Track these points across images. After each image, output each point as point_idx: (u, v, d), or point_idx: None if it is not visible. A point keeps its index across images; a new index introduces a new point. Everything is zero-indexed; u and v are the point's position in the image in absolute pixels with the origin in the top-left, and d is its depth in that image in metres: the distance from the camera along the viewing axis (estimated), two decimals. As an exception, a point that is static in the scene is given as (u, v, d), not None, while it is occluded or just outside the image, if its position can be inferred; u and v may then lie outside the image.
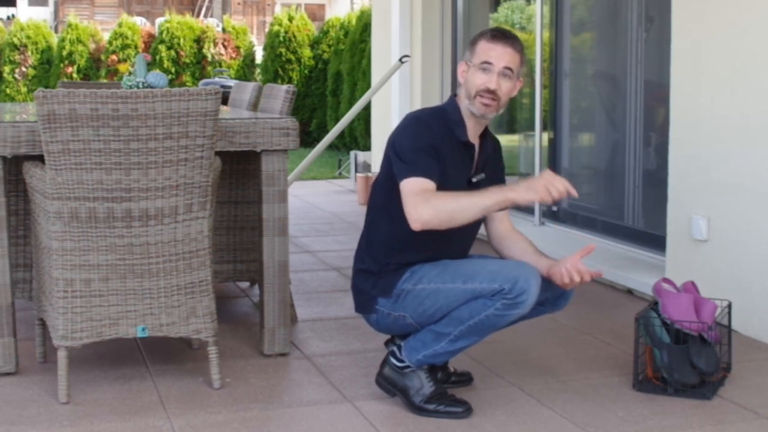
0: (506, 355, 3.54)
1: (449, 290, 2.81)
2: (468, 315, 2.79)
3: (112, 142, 2.93)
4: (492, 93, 2.87)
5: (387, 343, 3.18)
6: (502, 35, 2.91)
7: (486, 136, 3.03)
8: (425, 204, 2.73)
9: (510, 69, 2.87)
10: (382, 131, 7.98)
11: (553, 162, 5.92)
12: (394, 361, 2.99)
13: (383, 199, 2.96)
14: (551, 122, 5.94)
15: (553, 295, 2.94)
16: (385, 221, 2.95)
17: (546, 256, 2.97)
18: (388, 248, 2.93)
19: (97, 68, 13.29)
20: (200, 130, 3.02)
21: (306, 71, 13.00)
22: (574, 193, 2.68)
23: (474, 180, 2.99)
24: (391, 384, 3.01)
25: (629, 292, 4.58)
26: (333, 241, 6.05)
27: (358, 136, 11.17)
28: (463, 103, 2.94)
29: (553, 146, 5.93)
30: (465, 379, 3.23)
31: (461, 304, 2.80)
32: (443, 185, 2.85)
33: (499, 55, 2.87)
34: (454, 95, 3.01)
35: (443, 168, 2.86)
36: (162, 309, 3.10)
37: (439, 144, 2.87)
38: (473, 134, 2.97)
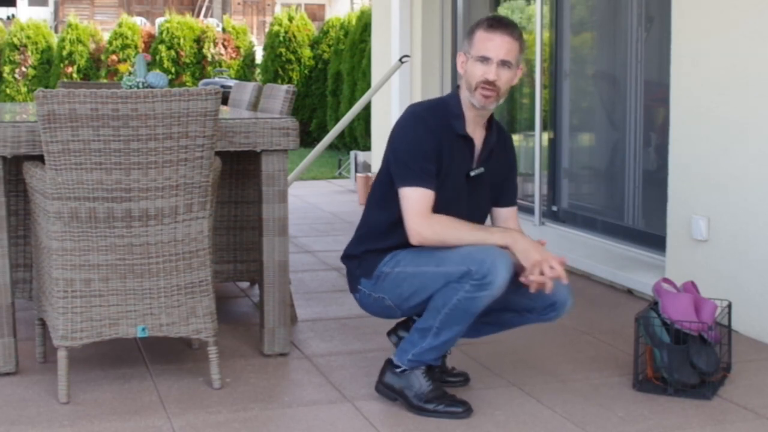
0: (506, 355, 3.54)
1: (423, 273, 2.85)
2: (442, 303, 2.82)
3: (112, 142, 2.93)
4: (491, 84, 2.88)
5: (389, 334, 3.20)
6: (498, 23, 2.90)
7: (491, 129, 3.04)
8: (428, 226, 2.84)
9: (509, 60, 2.88)
10: (382, 131, 7.97)
11: (553, 162, 5.92)
12: (392, 365, 3.00)
13: (381, 189, 3.02)
14: (551, 122, 5.93)
15: (541, 304, 2.92)
16: (380, 209, 3.00)
17: None
18: (380, 233, 2.99)
19: (97, 68, 13.29)
20: (200, 130, 3.02)
21: (306, 71, 12.99)
22: (563, 277, 2.78)
23: (472, 174, 2.99)
24: (390, 389, 3.01)
25: (629, 292, 4.58)
26: (333, 241, 6.04)
27: (358, 136, 11.17)
28: (464, 95, 2.95)
29: (553, 146, 5.92)
30: (461, 379, 3.22)
31: (436, 290, 2.82)
32: (442, 181, 2.87)
33: (497, 46, 2.87)
34: (457, 86, 3.01)
35: (440, 164, 2.89)
36: (162, 309, 3.10)
37: (437, 139, 2.89)
38: (473, 127, 2.98)
